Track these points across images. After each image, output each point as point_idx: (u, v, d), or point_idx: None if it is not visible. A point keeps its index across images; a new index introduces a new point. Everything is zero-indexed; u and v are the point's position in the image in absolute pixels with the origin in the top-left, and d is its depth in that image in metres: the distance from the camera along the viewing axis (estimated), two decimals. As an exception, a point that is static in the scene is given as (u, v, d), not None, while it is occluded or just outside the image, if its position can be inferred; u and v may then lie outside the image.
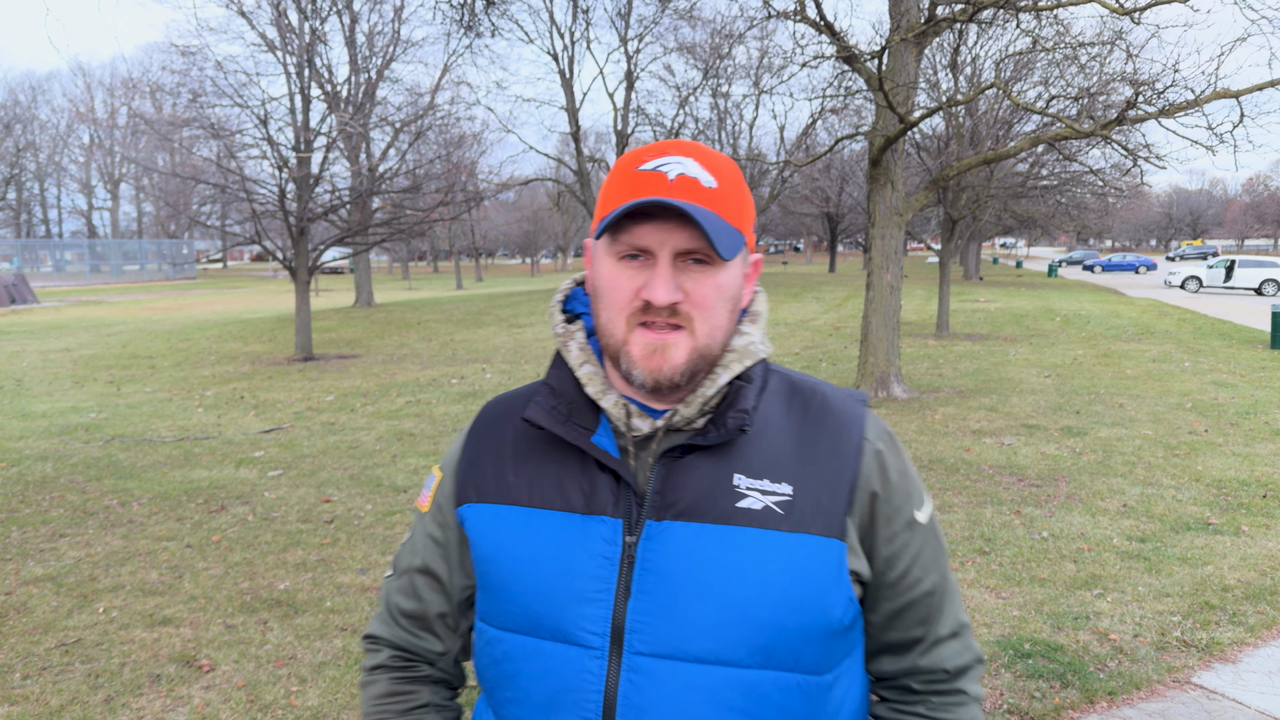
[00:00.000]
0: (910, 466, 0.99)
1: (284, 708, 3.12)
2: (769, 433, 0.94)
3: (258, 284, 46.45)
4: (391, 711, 1.05)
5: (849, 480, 0.92)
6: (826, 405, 0.97)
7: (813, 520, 0.91)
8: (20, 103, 60.73)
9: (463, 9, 17.76)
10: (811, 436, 0.95)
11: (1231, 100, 7.82)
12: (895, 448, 0.98)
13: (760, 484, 0.92)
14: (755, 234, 1.02)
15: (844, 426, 0.95)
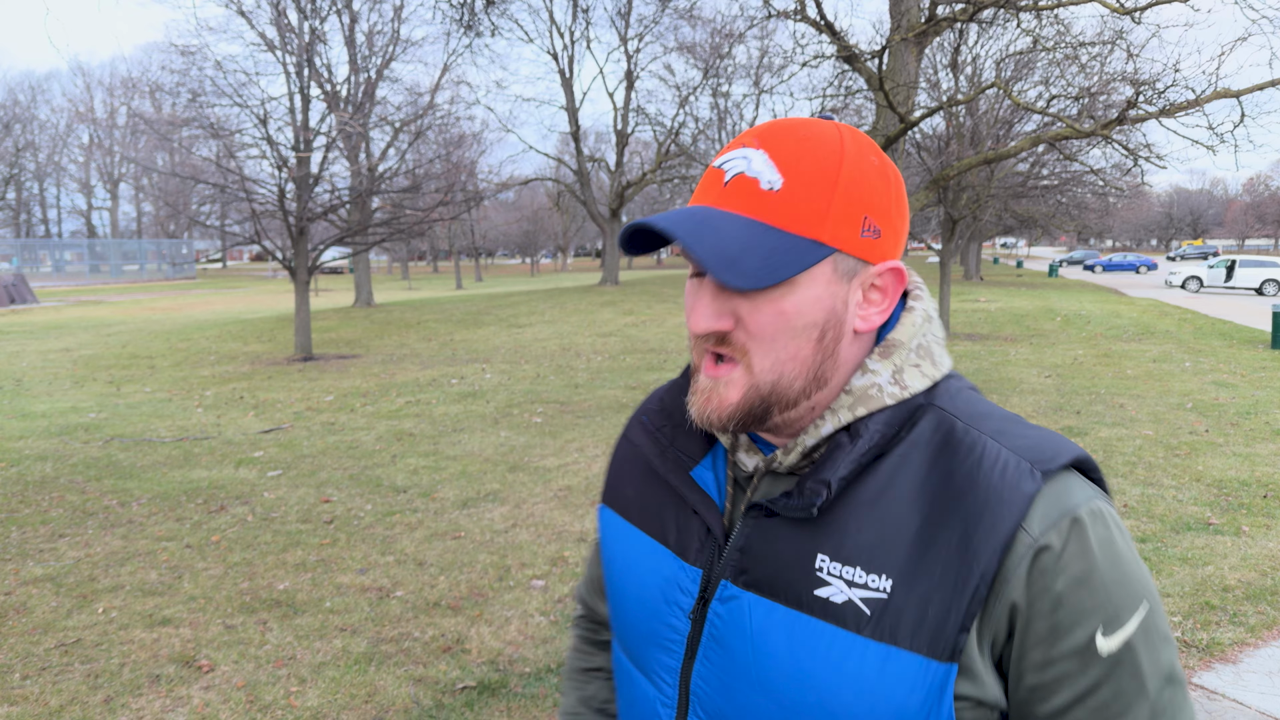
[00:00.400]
0: (1107, 570, 0.68)
1: (283, 708, 3.11)
2: (884, 503, 0.72)
3: (257, 284, 46.45)
4: (570, 667, 1.11)
5: (980, 583, 0.68)
6: (976, 475, 0.70)
7: (912, 630, 0.69)
8: (20, 102, 60.74)
9: (462, 8, 17.76)
10: (944, 517, 0.70)
11: (1232, 100, 7.82)
12: (1083, 543, 0.68)
13: (849, 571, 0.72)
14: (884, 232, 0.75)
15: (990, 508, 0.69)
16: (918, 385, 0.75)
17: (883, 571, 0.71)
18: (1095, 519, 0.70)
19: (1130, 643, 0.69)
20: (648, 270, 58.92)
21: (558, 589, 4.13)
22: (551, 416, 8.32)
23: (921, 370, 0.76)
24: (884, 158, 0.77)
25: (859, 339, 0.76)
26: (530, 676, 3.31)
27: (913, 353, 0.76)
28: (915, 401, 0.75)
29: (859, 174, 0.73)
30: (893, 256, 0.76)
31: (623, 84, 31.61)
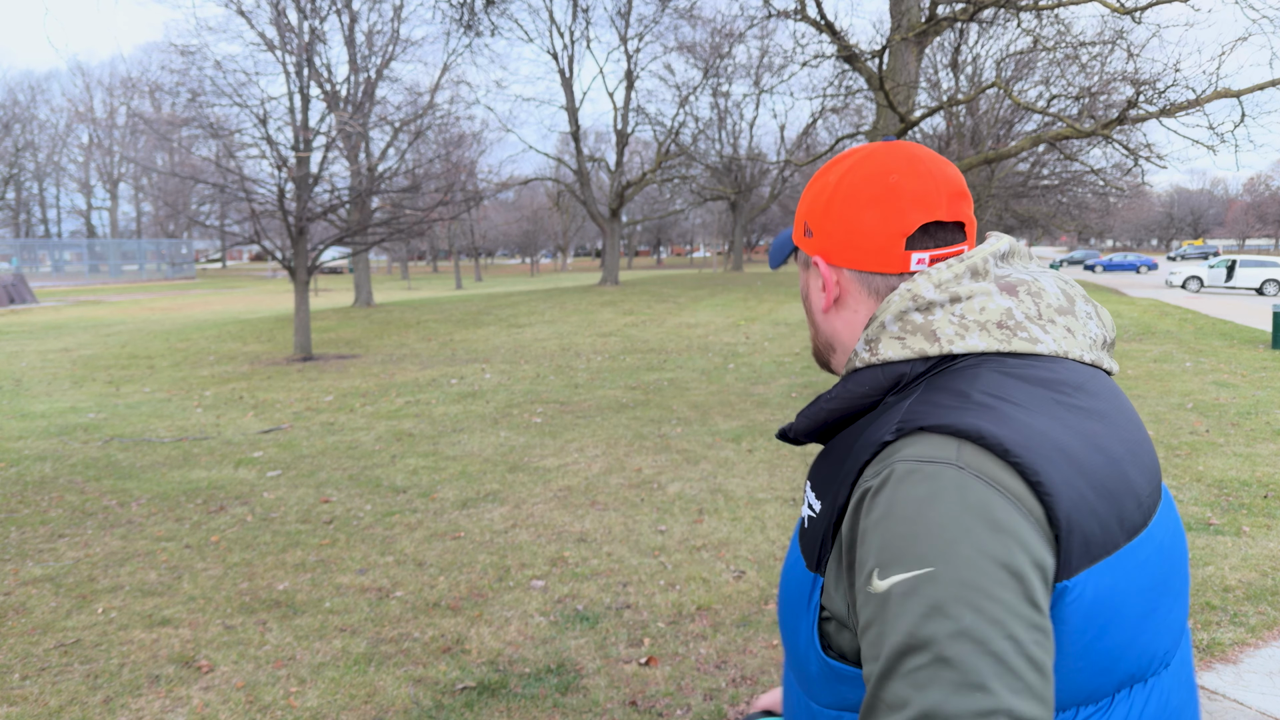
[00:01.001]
0: (900, 521, 0.75)
1: (283, 708, 3.10)
2: (841, 445, 0.90)
3: (257, 284, 46.43)
4: None
5: (834, 511, 0.86)
6: (869, 430, 0.86)
7: (808, 544, 0.90)
8: (19, 102, 60.70)
9: (462, 8, 17.75)
10: (845, 458, 0.87)
11: (1232, 100, 7.82)
12: (892, 492, 0.77)
13: (810, 494, 0.92)
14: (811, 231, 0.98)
15: (856, 453, 0.85)
16: (892, 354, 0.88)
17: (821, 499, 0.89)
18: (911, 474, 0.77)
19: (890, 593, 0.73)
20: (648, 270, 58.91)
21: (557, 589, 4.13)
22: (551, 416, 8.32)
23: (905, 343, 0.88)
24: (848, 171, 0.94)
25: (841, 315, 0.97)
26: (530, 677, 3.31)
27: (890, 324, 0.89)
28: (899, 370, 0.87)
29: (815, 187, 0.98)
30: (830, 253, 0.96)
31: (623, 84, 31.59)
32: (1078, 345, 0.90)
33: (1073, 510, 0.77)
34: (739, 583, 4.16)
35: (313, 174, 13.23)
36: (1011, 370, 0.85)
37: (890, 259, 0.91)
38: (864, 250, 0.92)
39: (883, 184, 0.91)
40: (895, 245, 0.91)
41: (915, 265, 0.91)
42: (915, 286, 0.88)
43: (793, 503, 5.39)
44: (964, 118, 15.24)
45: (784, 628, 0.95)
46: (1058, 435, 0.80)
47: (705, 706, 3.08)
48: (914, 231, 0.90)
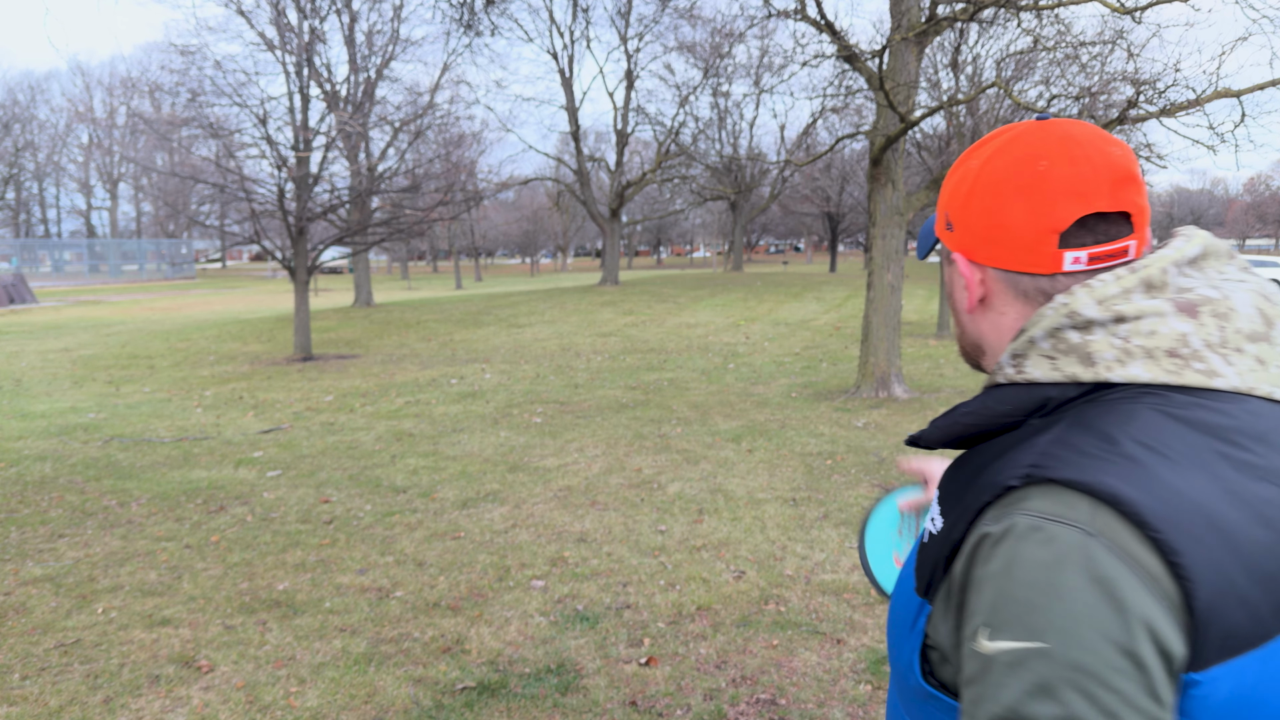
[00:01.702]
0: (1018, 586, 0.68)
1: (283, 708, 3.10)
2: (974, 463, 0.81)
3: (257, 284, 46.44)
4: None
5: (948, 545, 0.78)
6: (999, 461, 0.77)
7: (923, 566, 0.83)
8: (19, 102, 60.68)
9: (462, 8, 17.75)
10: (972, 484, 0.79)
11: (1233, 100, 7.81)
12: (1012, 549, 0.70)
13: (935, 508, 0.85)
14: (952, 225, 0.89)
15: (983, 489, 0.76)
16: (1040, 375, 0.79)
17: (945, 516, 0.82)
18: (1035, 533, 0.69)
19: (997, 659, 0.68)
20: (648, 270, 58.93)
21: (557, 589, 4.13)
22: (551, 416, 8.31)
23: (1055, 364, 0.78)
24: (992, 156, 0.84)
25: (987, 316, 0.88)
26: (530, 677, 3.30)
27: (1042, 341, 0.80)
28: (1046, 392, 0.79)
29: (957, 174, 0.89)
30: (972, 250, 0.86)
31: (623, 83, 31.59)
32: (1269, 379, 0.76)
33: (1216, 598, 0.67)
34: (739, 583, 4.15)
35: (313, 174, 13.23)
36: (1176, 411, 0.73)
37: (1040, 258, 0.80)
38: (1009, 248, 0.82)
39: (1030, 171, 0.80)
40: (1046, 243, 0.80)
41: (1070, 265, 0.80)
42: (1073, 302, 0.78)
43: (793, 503, 5.39)
44: (964, 118, 15.24)
45: (891, 636, 0.90)
46: (1214, 504, 0.69)
47: (705, 706, 3.08)
48: (1069, 227, 0.79)
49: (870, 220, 9.18)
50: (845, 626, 3.67)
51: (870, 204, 9.12)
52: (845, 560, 4.42)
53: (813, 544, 4.65)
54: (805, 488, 5.72)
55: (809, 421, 7.84)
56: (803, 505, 5.34)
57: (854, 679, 3.24)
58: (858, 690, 3.17)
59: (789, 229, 66.17)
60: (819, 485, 5.77)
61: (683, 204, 42.37)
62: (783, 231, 69.89)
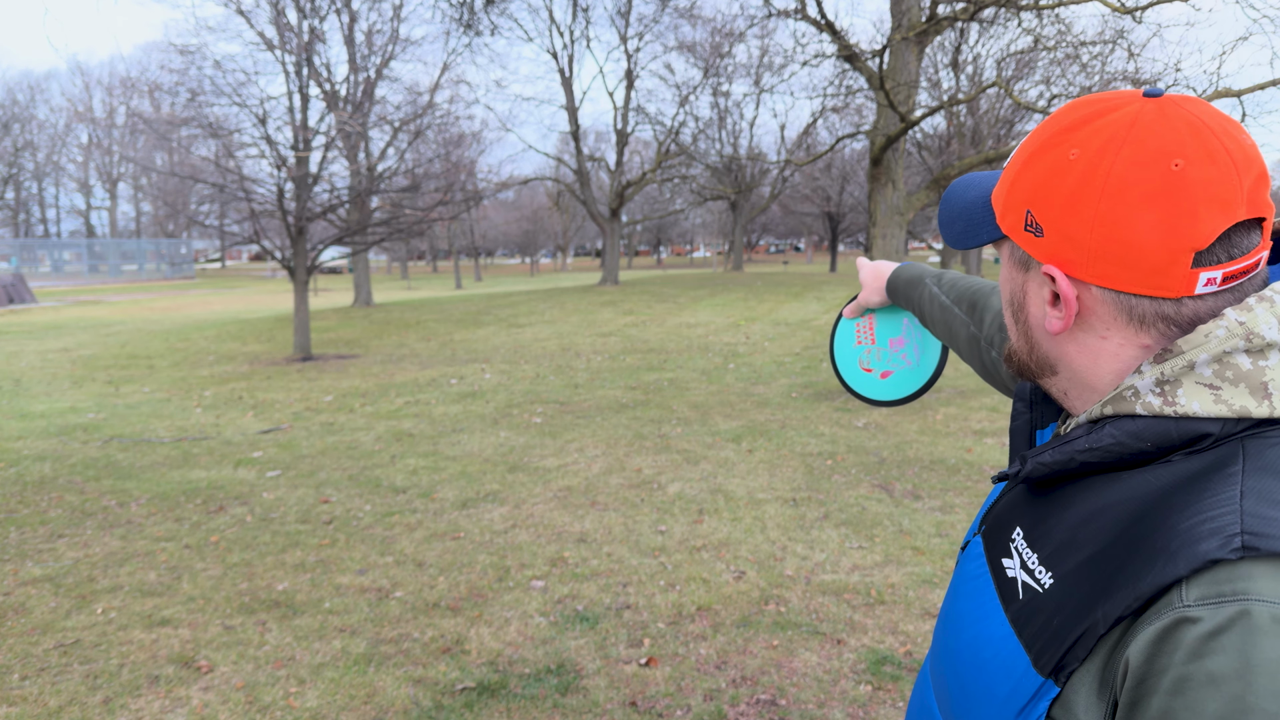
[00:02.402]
0: (1265, 694, 0.54)
1: (283, 709, 3.10)
2: (1097, 509, 0.68)
3: (256, 284, 46.43)
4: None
5: (1100, 622, 0.62)
6: (1179, 516, 0.62)
7: (1036, 632, 0.68)
8: (19, 102, 60.66)
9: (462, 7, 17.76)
10: (1125, 542, 0.64)
11: (1233, 99, 7.81)
12: (1246, 643, 0.55)
13: (1028, 553, 0.72)
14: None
15: (1161, 554, 0.61)
16: (1198, 409, 0.65)
17: (1052, 569, 0.69)
18: (1261, 630, 0.55)
19: None
20: (648, 270, 58.93)
21: (557, 589, 4.12)
22: (551, 416, 8.31)
23: (1220, 396, 0.65)
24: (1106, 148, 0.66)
25: (1080, 339, 0.72)
26: (530, 677, 3.30)
27: (1203, 367, 0.66)
28: (1199, 428, 0.65)
29: (1044, 163, 0.70)
30: (1074, 265, 0.69)
31: (622, 83, 31.61)
32: None
33: None
34: (739, 583, 4.15)
35: (312, 174, 13.22)
36: None
37: (1169, 280, 0.65)
38: (1131, 267, 0.66)
39: (1162, 174, 0.64)
40: (1179, 263, 0.65)
41: (1203, 288, 0.66)
42: (1252, 320, 0.64)
43: (793, 503, 5.39)
44: (964, 117, 15.24)
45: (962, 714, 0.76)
46: None
47: (705, 707, 3.07)
48: (1210, 244, 0.64)
49: (870, 220, 9.18)
50: (845, 627, 3.66)
51: (870, 204, 9.12)
52: (846, 560, 4.41)
53: (813, 544, 4.64)
54: (805, 488, 5.71)
55: (809, 421, 7.84)
56: (803, 505, 5.33)
57: (854, 679, 3.24)
58: (858, 690, 3.16)
59: (789, 229, 66.17)
60: (819, 485, 5.76)
61: (683, 204, 42.37)
62: (783, 231, 69.89)
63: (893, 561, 4.37)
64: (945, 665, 0.81)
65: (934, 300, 1.22)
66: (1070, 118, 0.70)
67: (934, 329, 1.24)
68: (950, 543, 4.64)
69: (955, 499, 5.46)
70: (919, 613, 3.79)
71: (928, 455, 6.58)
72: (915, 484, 5.75)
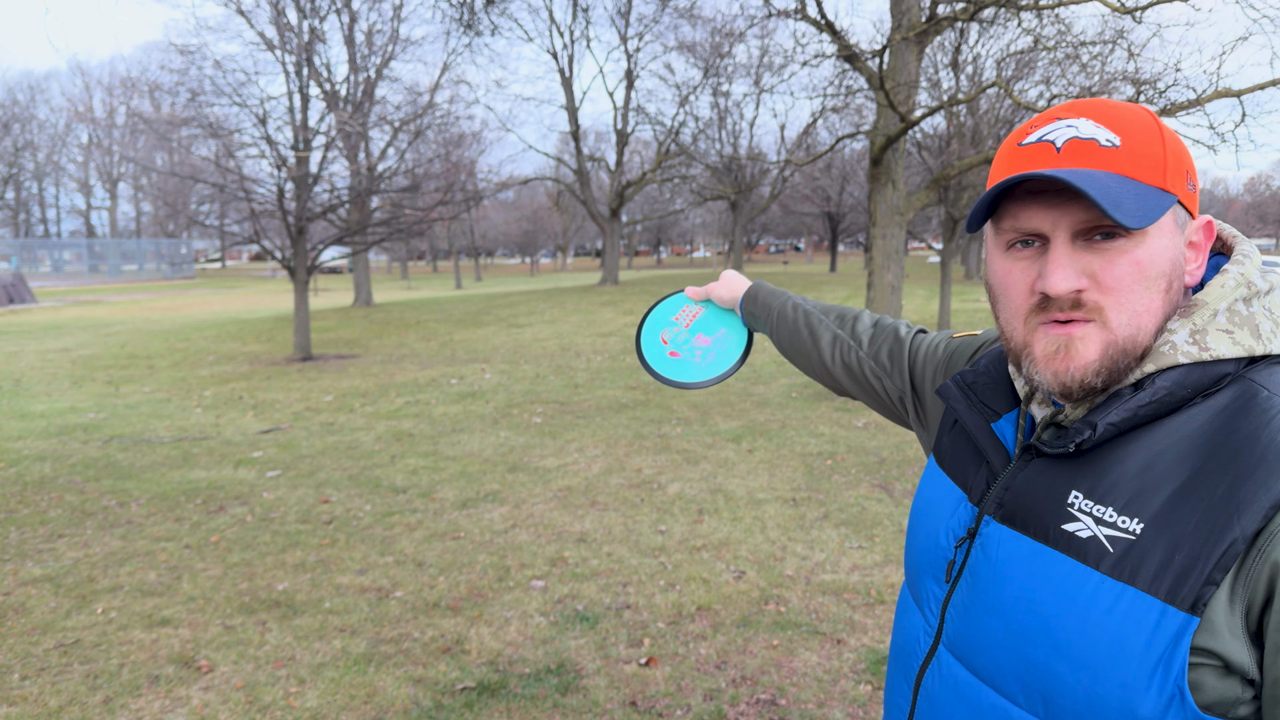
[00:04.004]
0: None
1: (283, 709, 3.10)
2: (1156, 455, 0.74)
3: (256, 284, 46.42)
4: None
5: (1238, 538, 0.67)
6: (1261, 432, 0.70)
7: (1154, 575, 0.70)
8: (19, 102, 60.65)
9: (462, 7, 17.75)
10: (1214, 470, 0.70)
11: (1233, 99, 7.81)
12: None
13: (1100, 510, 0.75)
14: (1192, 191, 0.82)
15: (1267, 464, 0.68)
16: (1224, 350, 0.75)
17: (1136, 515, 0.73)
18: None
19: None
20: (648, 270, 58.92)
21: (557, 589, 4.12)
22: (551, 416, 8.31)
23: (1234, 338, 0.76)
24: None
25: (1174, 292, 0.79)
26: (530, 677, 3.30)
27: (1221, 315, 0.77)
28: (1222, 369, 0.75)
29: (1174, 135, 0.81)
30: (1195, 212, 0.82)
31: (623, 83, 31.61)
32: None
33: None
34: (739, 583, 4.15)
35: (312, 174, 13.22)
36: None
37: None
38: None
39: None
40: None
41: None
42: (1248, 271, 0.79)
43: (793, 503, 5.39)
44: (964, 117, 15.23)
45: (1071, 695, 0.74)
46: None
47: (705, 707, 3.07)
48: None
49: (870, 220, 9.18)
50: (845, 626, 3.67)
51: (870, 204, 9.12)
52: (846, 560, 4.41)
53: (813, 544, 4.64)
54: (805, 488, 5.71)
55: (809, 421, 7.84)
56: (803, 505, 5.33)
57: (854, 679, 3.24)
58: (858, 690, 3.16)
59: (789, 229, 66.16)
60: (819, 485, 5.77)
61: (683, 204, 42.37)
62: (783, 231, 69.88)
63: (893, 561, 4.37)
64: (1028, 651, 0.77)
65: (797, 308, 1.33)
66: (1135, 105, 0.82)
67: (780, 332, 1.34)
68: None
69: (955, 499, 5.46)
70: (919, 613, 3.78)
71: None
72: (915, 484, 5.75)
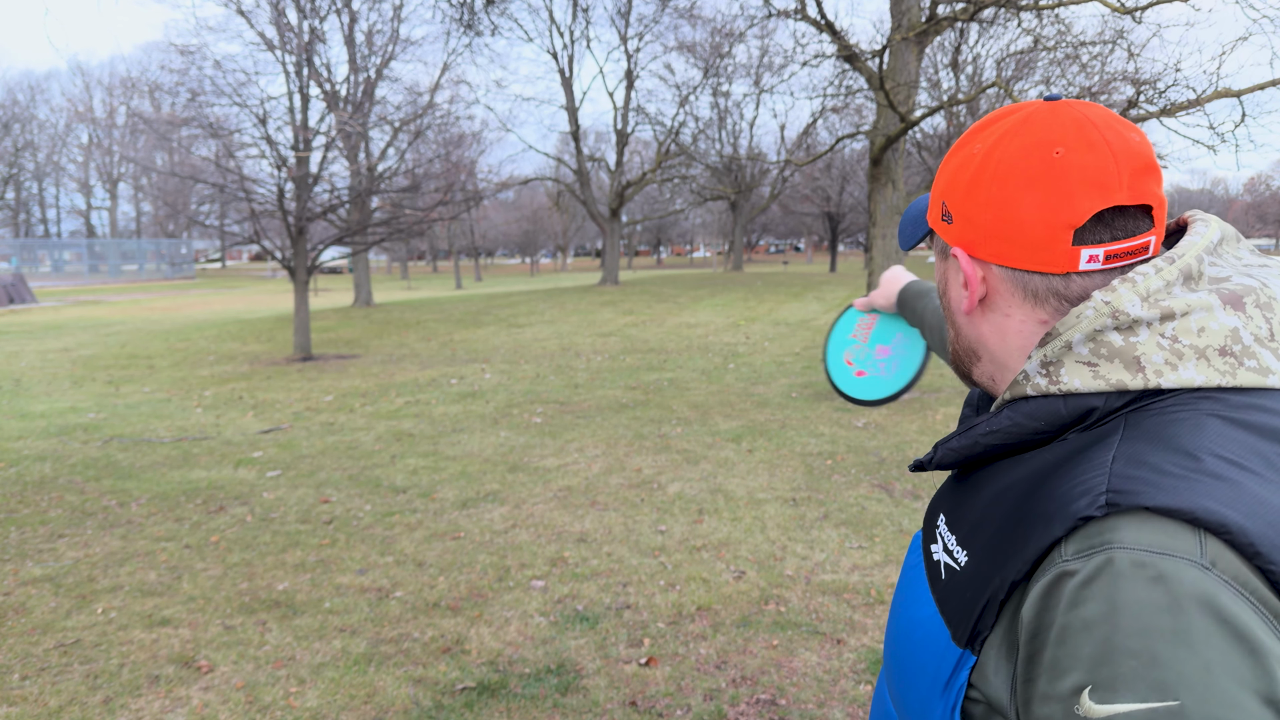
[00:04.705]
0: (1128, 634, 0.59)
1: (283, 709, 3.10)
2: (1002, 488, 0.74)
3: (256, 284, 46.42)
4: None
5: (1000, 588, 0.68)
6: (1059, 483, 0.68)
7: (954, 607, 0.74)
8: (19, 102, 60.67)
9: (462, 7, 17.76)
10: (1019, 514, 0.70)
11: (1233, 99, 7.81)
12: (1112, 589, 0.60)
13: (948, 536, 0.78)
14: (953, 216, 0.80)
15: (1044, 519, 0.66)
16: (1082, 385, 0.70)
17: (968, 548, 0.75)
18: (1140, 571, 0.60)
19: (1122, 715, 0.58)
20: (648, 270, 58.92)
21: (557, 589, 4.12)
22: (551, 416, 8.31)
23: (1098, 371, 0.70)
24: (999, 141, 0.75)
25: (988, 318, 0.80)
26: (530, 677, 3.30)
27: (1080, 345, 0.71)
28: (1085, 403, 0.71)
29: (956, 159, 0.80)
30: (974, 245, 0.78)
31: (623, 83, 31.62)
32: None
33: None
34: (739, 583, 4.15)
35: (312, 174, 13.22)
36: (1238, 417, 0.66)
37: (1053, 256, 0.73)
38: (1018, 244, 0.74)
39: (1043, 159, 0.72)
40: (1060, 239, 0.72)
41: (1086, 265, 0.72)
42: (1116, 299, 0.70)
43: (793, 503, 5.39)
44: (964, 118, 15.24)
45: (906, 688, 0.82)
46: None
47: (705, 707, 3.08)
48: (1085, 222, 0.71)
49: (870, 220, 9.19)
50: (845, 627, 3.67)
51: (870, 204, 9.12)
52: (846, 560, 4.41)
53: (813, 544, 4.65)
54: (805, 488, 5.71)
55: (809, 421, 7.84)
56: (803, 505, 5.33)
57: (854, 679, 3.24)
58: (858, 690, 3.17)
59: (789, 229, 66.17)
60: (819, 485, 5.77)
61: (683, 204, 42.37)
62: (783, 231, 69.89)
63: (893, 561, 4.37)
64: (889, 651, 0.87)
65: (936, 312, 1.33)
66: (981, 121, 0.80)
67: (932, 338, 1.35)
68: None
69: (955, 499, 5.46)
70: (919, 613, 3.79)
71: (928, 455, 6.58)
72: (915, 484, 5.75)
